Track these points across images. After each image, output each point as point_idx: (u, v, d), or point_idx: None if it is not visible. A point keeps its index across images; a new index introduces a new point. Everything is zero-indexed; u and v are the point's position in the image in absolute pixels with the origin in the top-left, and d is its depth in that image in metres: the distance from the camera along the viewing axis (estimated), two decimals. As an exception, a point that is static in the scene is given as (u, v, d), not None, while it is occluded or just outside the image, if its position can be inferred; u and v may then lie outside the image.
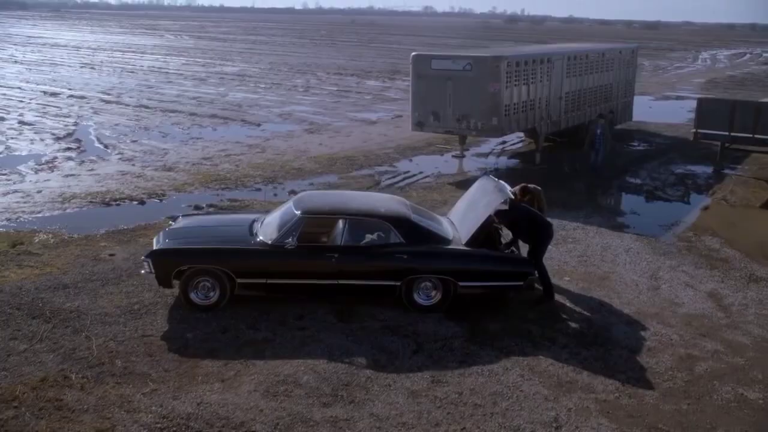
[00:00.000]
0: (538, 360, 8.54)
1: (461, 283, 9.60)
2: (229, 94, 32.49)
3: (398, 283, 9.51)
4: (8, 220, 13.45)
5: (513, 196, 9.91)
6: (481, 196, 10.36)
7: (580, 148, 19.12)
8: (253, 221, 10.19)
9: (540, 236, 10.22)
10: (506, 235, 10.92)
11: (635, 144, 23.24)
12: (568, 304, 10.20)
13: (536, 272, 10.29)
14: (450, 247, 9.66)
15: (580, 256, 12.23)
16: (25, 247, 11.87)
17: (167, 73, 41.47)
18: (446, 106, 17.53)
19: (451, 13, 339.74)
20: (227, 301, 9.49)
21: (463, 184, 17.15)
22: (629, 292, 10.72)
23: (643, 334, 9.34)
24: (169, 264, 9.33)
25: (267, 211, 10.80)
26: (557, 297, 10.29)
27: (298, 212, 9.59)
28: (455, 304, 9.72)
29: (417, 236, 9.60)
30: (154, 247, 9.72)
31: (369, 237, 9.61)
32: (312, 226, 9.65)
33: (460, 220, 10.40)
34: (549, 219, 10.71)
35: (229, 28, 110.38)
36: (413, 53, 18.43)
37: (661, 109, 31.54)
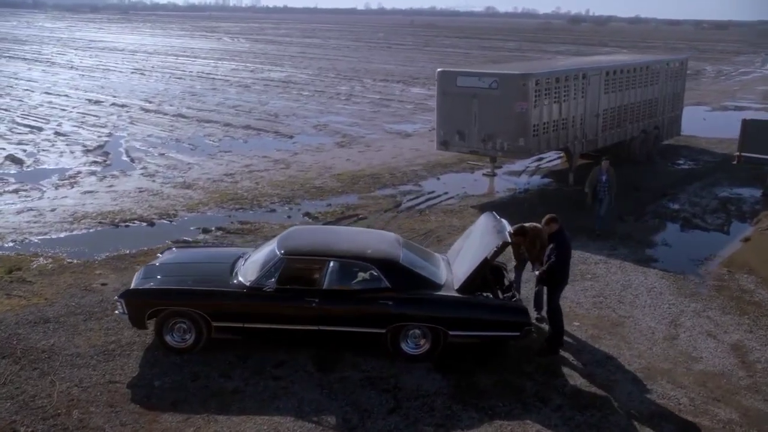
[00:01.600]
0: (524, 426, 7.79)
1: (452, 332, 8.93)
2: (270, 103, 32.32)
3: (383, 331, 8.89)
4: (14, 241, 13.35)
5: (510, 240, 9.13)
6: (480, 235, 9.65)
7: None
8: (238, 258, 9.72)
9: (565, 276, 9.44)
10: (510, 275, 10.21)
11: (680, 162, 21.99)
12: (571, 356, 9.39)
13: (547, 317, 9.57)
14: (440, 293, 8.98)
15: (596, 296, 11.36)
16: (21, 273, 11.69)
17: (214, 79, 41.68)
18: (471, 125, 16.78)
19: (513, 14, 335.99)
20: (204, 344, 9.03)
21: (488, 207, 16.37)
22: (642, 341, 9.83)
23: (649, 396, 8.48)
24: (143, 305, 8.93)
25: (256, 247, 10.30)
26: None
27: (279, 252, 9.07)
28: (448, 351, 9.05)
29: (405, 281, 8.96)
30: (131, 286, 9.35)
31: (353, 281, 9.02)
32: (293, 267, 9.11)
33: (457, 261, 9.71)
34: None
35: (287, 30, 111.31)
36: (438, 69, 17.73)
37: (716, 121, 29.97)
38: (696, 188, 18.49)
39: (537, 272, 9.66)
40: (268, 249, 9.40)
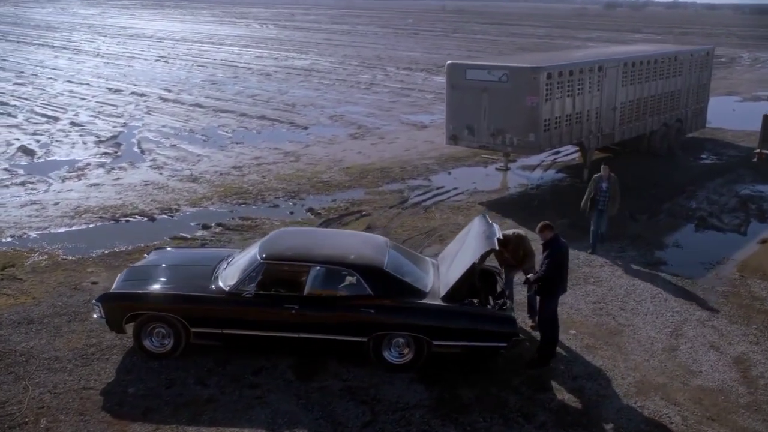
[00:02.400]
0: (502, 445, 7.47)
1: (435, 342, 8.61)
2: (289, 92, 32.09)
3: (365, 339, 8.61)
4: (12, 236, 13.31)
5: (497, 247, 8.75)
6: (470, 240, 9.29)
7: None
8: (221, 261, 9.49)
9: (560, 285, 9.05)
10: (503, 280, 9.84)
11: (703, 156, 21.27)
12: (562, 367, 9.02)
13: (540, 328, 9.21)
14: (424, 301, 8.66)
15: (597, 302, 10.94)
16: (15, 270, 11.63)
17: (237, 67, 41.57)
18: (481, 119, 16.34)
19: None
20: (183, 349, 8.84)
21: (497, 203, 16.07)
22: (640, 353, 9.41)
23: (639, 413, 8.08)
24: (120, 309, 8.76)
25: (242, 249, 10.06)
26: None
27: (259, 257, 8.82)
28: (434, 361, 8.75)
29: (388, 288, 8.65)
30: (111, 288, 9.19)
31: (334, 287, 8.75)
32: (274, 272, 8.86)
33: (445, 267, 9.36)
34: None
35: (317, 16, 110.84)
36: (448, 62, 17.29)
37: (746, 112, 29.00)
38: (716, 185, 17.83)
39: (529, 279, 9.28)
40: (251, 253, 9.15)
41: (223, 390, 8.30)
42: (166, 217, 14.66)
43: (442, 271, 9.31)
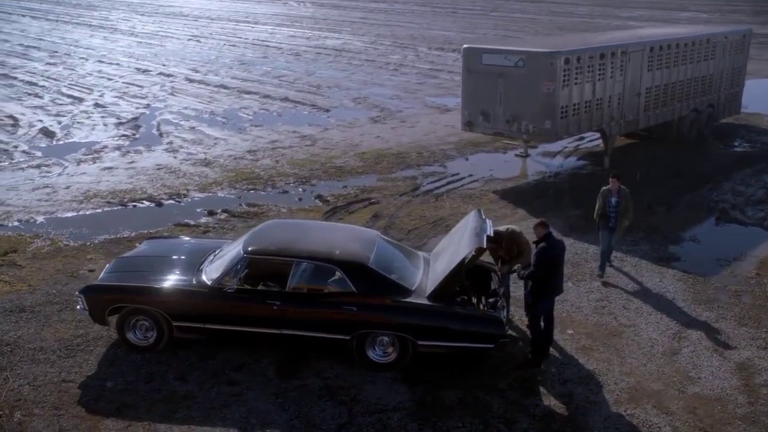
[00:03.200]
0: (478, 453, 7.22)
1: (420, 342, 8.36)
2: (316, 73, 31.81)
3: (348, 337, 8.40)
4: (19, 221, 13.41)
5: (485, 246, 8.43)
6: (461, 237, 8.96)
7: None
8: (209, 254, 9.35)
9: (550, 286, 8.70)
10: (497, 278, 9.52)
11: (735, 144, 20.45)
12: (553, 370, 8.70)
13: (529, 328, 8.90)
14: (409, 299, 8.40)
15: (600, 299, 10.55)
16: (16, 256, 11.69)
17: (268, 46, 41.38)
18: (496, 105, 15.89)
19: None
20: (167, 342, 8.75)
21: (511, 192, 15.68)
22: (638, 356, 9.03)
23: (628, 421, 7.74)
24: (102, 302, 8.69)
25: (230, 241, 9.90)
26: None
27: (243, 251, 8.65)
28: (421, 361, 8.51)
29: (371, 285, 8.42)
30: (97, 279, 9.13)
31: (317, 284, 8.55)
32: (257, 267, 8.69)
33: (436, 263, 9.08)
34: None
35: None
36: (464, 46, 16.82)
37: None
38: (744, 175, 17.10)
39: (520, 274, 8.96)
40: (236, 247, 8.99)
41: (201, 386, 8.19)
42: (173, 202, 14.61)
43: (432, 267, 9.02)
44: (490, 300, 9.10)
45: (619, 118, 17.14)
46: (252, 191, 15.37)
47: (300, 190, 15.55)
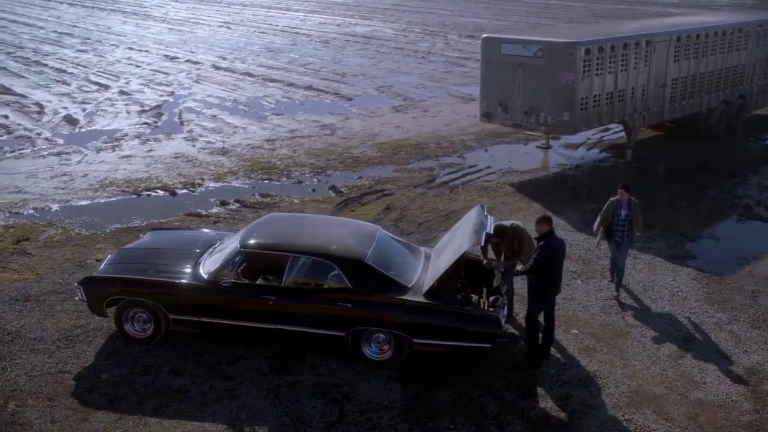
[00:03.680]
0: (467, 456, 7.08)
1: (416, 340, 8.23)
2: (343, 61, 31.67)
3: (343, 334, 8.31)
4: (35, 209, 13.55)
5: (482, 243, 8.25)
6: (462, 233, 8.79)
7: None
8: (209, 246, 9.32)
9: (548, 285, 8.49)
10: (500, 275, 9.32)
11: (766, 137, 19.83)
12: (552, 371, 8.51)
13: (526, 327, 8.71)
14: (405, 297, 8.26)
15: (608, 298, 10.28)
16: (27, 244, 11.82)
17: (297, 33, 41.35)
18: (515, 96, 15.59)
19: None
20: (164, 334, 8.76)
21: (528, 184, 15.42)
22: (642, 358, 8.79)
23: (625, 427, 7.53)
24: (101, 293, 8.72)
25: (232, 233, 9.85)
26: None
27: (239, 245, 8.60)
28: (418, 359, 8.39)
29: (367, 282, 8.30)
30: (97, 271, 9.17)
31: (313, 279, 8.47)
32: (253, 261, 8.64)
33: (436, 260, 8.92)
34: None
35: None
36: (483, 35, 16.53)
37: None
38: (773, 169, 16.60)
39: (518, 270, 8.77)
40: (234, 241, 8.94)
41: (195, 380, 8.18)
42: (187, 192, 14.64)
43: (432, 264, 8.87)
44: (491, 298, 8.92)
45: (643, 110, 16.72)
46: (266, 181, 15.34)
47: (314, 180, 15.48)
